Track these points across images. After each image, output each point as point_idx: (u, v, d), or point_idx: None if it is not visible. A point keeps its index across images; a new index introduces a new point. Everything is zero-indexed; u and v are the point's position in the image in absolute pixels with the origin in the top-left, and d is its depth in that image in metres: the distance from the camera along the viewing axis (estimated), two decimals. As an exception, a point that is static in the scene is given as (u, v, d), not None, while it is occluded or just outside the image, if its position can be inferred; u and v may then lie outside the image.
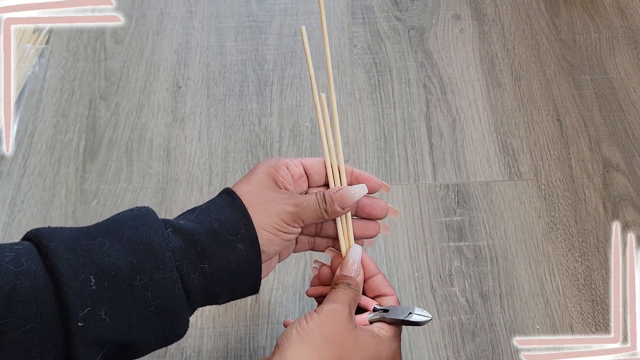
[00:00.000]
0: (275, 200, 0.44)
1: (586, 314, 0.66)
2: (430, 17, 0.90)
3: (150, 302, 0.38)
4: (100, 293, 0.36)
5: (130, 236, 0.39)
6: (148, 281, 0.38)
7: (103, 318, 0.36)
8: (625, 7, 0.91)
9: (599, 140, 0.78)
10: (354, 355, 0.41)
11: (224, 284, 0.42)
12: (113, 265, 0.37)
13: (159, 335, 0.39)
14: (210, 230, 0.41)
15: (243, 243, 0.42)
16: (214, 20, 0.90)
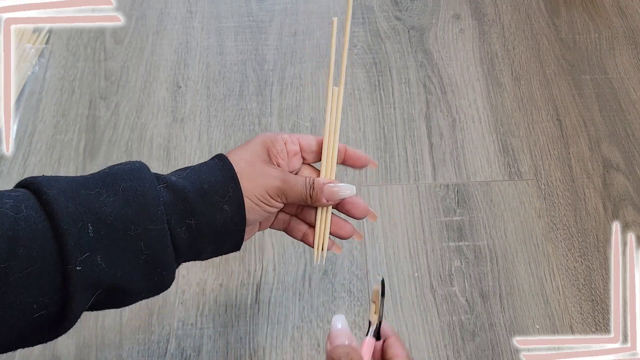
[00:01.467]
0: (265, 173, 0.46)
1: (586, 314, 0.66)
2: (430, 17, 0.90)
3: (143, 251, 0.40)
4: (97, 240, 0.39)
5: (125, 189, 0.41)
6: (142, 232, 0.40)
7: (99, 263, 0.39)
8: (625, 7, 0.91)
9: (599, 140, 0.78)
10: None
11: (209, 241, 0.44)
12: (109, 215, 0.39)
13: (149, 282, 0.42)
14: (199, 190, 0.44)
15: (230, 205, 0.44)
16: (214, 20, 0.90)
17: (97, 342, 0.64)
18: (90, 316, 0.65)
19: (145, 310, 0.66)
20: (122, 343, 0.64)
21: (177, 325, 0.65)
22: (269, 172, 0.47)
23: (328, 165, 0.51)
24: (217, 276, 0.68)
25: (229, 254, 0.49)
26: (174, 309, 0.66)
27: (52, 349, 0.64)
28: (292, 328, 0.65)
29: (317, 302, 0.67)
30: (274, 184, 0.46)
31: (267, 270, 0.69)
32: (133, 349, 0.64)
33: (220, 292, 0.67)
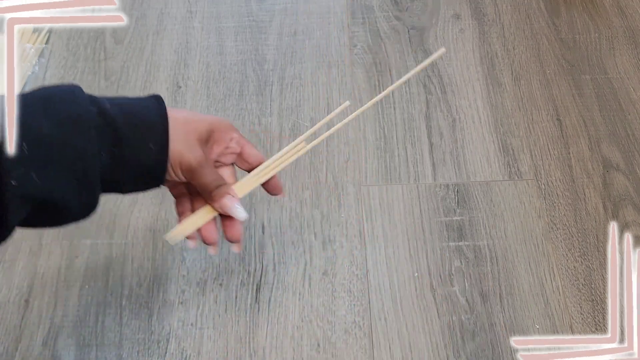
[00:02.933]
0: (190, 147, 0.48)
1: (586, 314, 0.66)
2: (430, 17, 0.90)
3: (79, 170, 0.43)
4: (33, 158, 0.40)
5: (59, 110, 0.42)
6: (77, 152, 0.42)
7: (35, 179, 0.40)
8: (625, 6, 0.91)
9: (599, 140, 0.78)
10: None
11: (130, 173, 0.47)
12: (45, 135, 0.41)
13: (81, 202, 0.44)
14: (130, 123, 0.45)
15: (155, 145, 0.46)
16: (214, 20, 0.90)
17: (97, 342, 0.64)
18: (90, 316, 0.66)
19: (145, 310, 0.66)
20: (122, 343, 0.64)
21: (177, 325, 0.65)
22: (195, 149, 0.49)
23: (249, 185, 0.54)
24: (217, 276, 0.68)
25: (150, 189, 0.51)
26: (174, 308, 0.66)
27: (52, 349, 0.64)
28: (292, 328, 0.65)
29: (317, 302, 0.67)
30: (190, 161, 0.48)
31: (267, 270, 0.69)
32: (133, 349, 0.64)
33: (220, 291, 0.67)
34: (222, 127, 0.52)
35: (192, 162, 0.48)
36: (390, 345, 0.64)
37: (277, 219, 0.72)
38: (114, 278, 0.68)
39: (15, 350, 0.64)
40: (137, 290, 0.67)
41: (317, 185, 0.75)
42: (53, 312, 0.66)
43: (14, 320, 0.66)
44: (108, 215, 0.72)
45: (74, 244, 0.70)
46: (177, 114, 0.49)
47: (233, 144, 0.53)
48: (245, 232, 0.71)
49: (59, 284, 0.68)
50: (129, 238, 0.71)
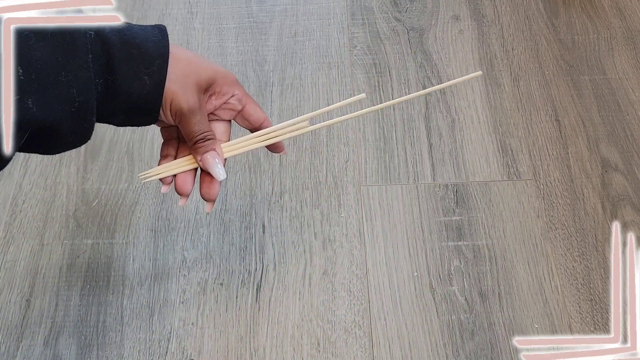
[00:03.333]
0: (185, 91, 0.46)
1: (585, 313, 0.66)
2: (430, 18, 0.91)
3: (75, 98, 0.40)
4: (28, 83, 0.38)
5: (54, 34, 0.40)
6: (72, 78, 0.40)
7: (30, 107, 0.38)
8: (624, 7, 0.91)
9: (598, 141, 0.79)
10: None
11: (123, 105, 0.44)
12: (39, 60, 0.39)
13: (78, 129, 0.42)
14: (127, 52, 0.43)
15: (150, 78, 0.44)
16: (215, 21, 0.91)
17: (98, 342, 0.64)
18: (92, 315, 0.66)
19: (146, 310, 0.66)
20: (123, 342, 0.64)
21: (178, 325, 0.65)
22: (189, 94, 0.46)
23: (239, 147, 0.52)
24: (217, 275, 0.69)
25: None
26: (174, 308, 0.66)
27: (54, 348, 0.64)
28: (292, 327, 0.65)
29: (317, 301, 0.67)
30: (181, 104, 0.46)
31: (267, 270, 0.69)
32: (134, 348, 0.64)
33: (221, 291, 0.68)
34: (226, 80, 0.49)
35: (183, 105, 0.46)
36: (390, 345, 0.64)
37: (278, 219, 0.72)
38: (115, 278, 0.68)
39: (16, 350, 0.64)
40: (138, 289, 0.68)
41: (317, 185, 0.75)
42: (54, 312, 0.66)
43: (16, 319, 0.66)
44: (109, 215, 0.73)
45: (75, 244, 0.71)
46: (181, 54, 0.46)
47: (234, 100, 0.51)
48: (245, 231, 0.71)
49: (60, 284, 0.68)
50: (130, 238, 0.71)
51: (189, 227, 0.72)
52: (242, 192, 0.74)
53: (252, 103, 0.51)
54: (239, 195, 0.74)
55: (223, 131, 0.52)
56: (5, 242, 0.71)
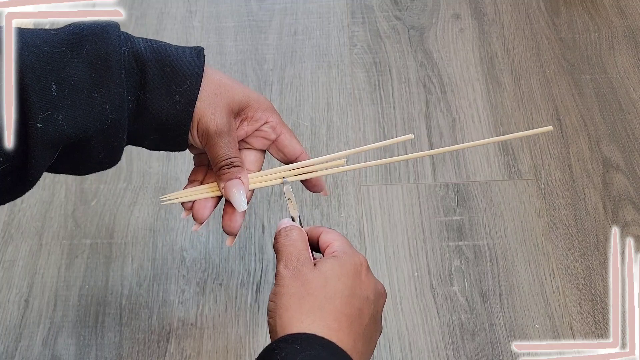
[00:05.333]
0: (215, 113, 0.44)
1: (586, 314, 0.66)
2: (430, 17, 0.90)
3: (108, 115, 0.40)
4: (61, 99, 0.38)
5: (90, 50, 0.40)
6: (106, 94, 0.40)
7: (60, 123, 0.38)
8: (625, 6, 0.91)
9: (599, 140, 0.78)
10: (330, 284, 0.41)
11: (152, 123, 0.43)
12: (73, 75, 0.39)
13: (109, 147, 0.42)
14: (160, 69, 0.43)
15: (181, 97, 0.43)
16: (214, 20, 0.90)
17: (97, 342, 0.64)
18: (90, 316, 0.66)
19: (145, 310, 0.66)
20: (122, 342, 0.64)
21: (177, 325, 0.65)
22: (219, 116, 0.44)
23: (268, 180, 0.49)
24: (217, 276, 0.68)
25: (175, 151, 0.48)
26: (173, 308, 0.66)
27: (52, 349, 0.64)
28: (292, 328, 0.65)
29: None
30: (208, 124, 0.44)
31: (267, 270, 0.69)
32: (133, 349, 0.64)
33: (220, 291, 0.67)
34: (260, 105, 0.47)
35: (211, 126, 0.44)
36: (390, 345, 0.64)
37: (277, 219, 0.72)
38: (113, 278, 0.68)
39: (15, 350, 0.64)
40: (137, 290, 0.68)
41: (317, 185, 0.75)
42: (53, 312, 0.66)
43: (14, 319, 0.66)
44: (108, 215, 0.72)
45: (74, 244, 0.70)
46: (216, 75, 0.45)
47: (267, 128, 0.47)
48: (245, 231, 0.71)
49: (59, 284, 0.68)
50: (128, 238, 0.71)
51: (188, 227, 0.71)
52: (242, 192, 0.74)
53: (287, 133, 0.48)
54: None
55: (253, 160, 0.49)
56: (3, 242, 0.70)
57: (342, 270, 0.42)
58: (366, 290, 0.42)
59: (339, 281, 0.41)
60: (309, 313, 0.39)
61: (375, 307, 0.43)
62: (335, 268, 0.42)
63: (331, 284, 0.41)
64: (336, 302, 0.40)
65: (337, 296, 0.40)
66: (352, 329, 0.40)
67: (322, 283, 0.41)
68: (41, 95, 0.38)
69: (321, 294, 0.40)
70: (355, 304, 0.41)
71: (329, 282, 0.41)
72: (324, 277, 0.41)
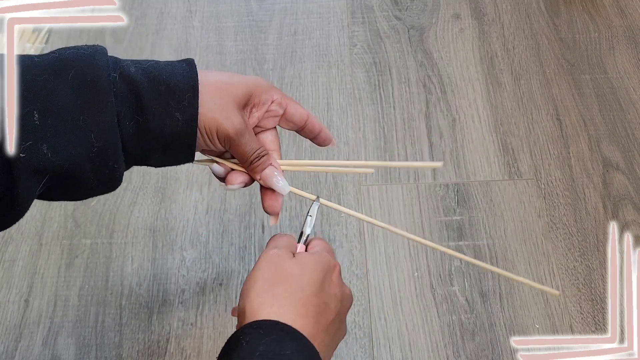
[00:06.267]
0: (228, 114, 0.44)
1: (586, 313, 0.66)
2: (430, 17, 0.90)
3: (93, 143, 0.39)
4: (44, 129, 0.37)
5: (75, 76, 0.39)
6: (92, 122, 0.39)
7: (45, 152, 0.37)
8: (625, 6, 0.91)
9: (599, 140, 0.78)
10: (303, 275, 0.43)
11: (156, 144, 0.43)
12: (57, 103, 0.38)
13: (100, 176, 0.41)
14: (155, 90, 0.42)
15: (182, 114, 0.42)
16: (214, 20, 0.90)
17: (97, 342, 0.64)
18: (90, 315, 0.66)
19: (145, 310, 0.66)
20: (122, 343, 0.64)
21: (177, 325, 0.65)
22: (233, 116, 0.44)
23: (293, 166, 0.51)
24: (217, 276, 0.68)
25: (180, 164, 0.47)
26: (173, 308, 0.66)
27: (52, 349, 0.64)
28: (291, 327, 0.65)
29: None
30: (227, 130, 0.44)
31: (266, 270, 0.69)
32: (133, 349, 0.64)
33: (220, 291, 0.67)
34: (261, 88, 0.47)
35: (230, 130, 0.44)
36: (390, 345, 0.64)
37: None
38: (113, 278, 0.68)
39: (15, 350, 0.64)
40: (137, 290, 0.67)
41: (317, 185, 0.75)
42: (53, 312, 0.66)
43: (14, 319, 0.66)
44: (108, 215, 0.72)
45: (73, 244, 0.70)
46: (210, 78, 0.44)
47: (274, 106, 0.48)
48: (244, 231, 0.71)
49: (58, 284, 0.68)
50: (128, 238, 0.71)
51: (188, 227, 0.71)
52: (242, 192, 0.74)
53: (292, 103, 0.49)
54: (238, 195, 0.74)
55: (272, 140, 0.49)
56: (3, 242, 0.70)
57: (317, 266, 0.44)
58: (335, 289, 0.45)
59: (312, 274, 0.43)
60: (280, 298, 0.41)
61: (341, 306, 0.45)
62: (310, 262, 0.44)
63: (305, 274, 0.43)
64: (306, 291, 0.42)
65: (308, 287, 0.42)
66: (318, 319, 0.42)
67: (296, 272, 0.43)
68: (23, 125, 0.36)
69: (294, 282, 0.42)
70: (323, 298, 0.43)
71: (303, 272, 0.43)
72: (299, 267, 0.44)
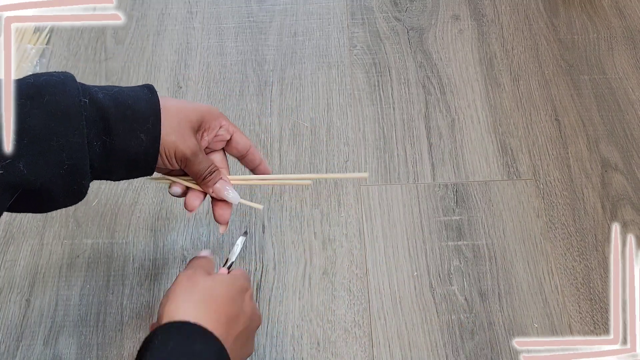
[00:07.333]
0: (183, 137, 0.50)
1: (584, 313, 0.66)
2: (430, 18, 0.91)
3: (65, 161, 0.43)
4: (20, 148, 0.41)
5: (49, 102, 0.43)
6: (64, 143, 0.43)
7: (21, 169, 0.41)
8: (624, 7, 0.91)
9: (598, 140, 0.79)
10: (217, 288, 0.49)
11: (120, 163, 0.47)
12: (33, 127, 0.42)
13: (69, 190, 0.45)
14: (121, 114, 0.46)
15: (146, 135, 0.47)
16: (214, 21, 0.91)
17: (98, 341, 0.64)
18: (92, 315, 0.66)
19: (146, 310, 0.66)
20: (123, 342, 0.64)
21: (178, 324, 0.65)
22: (188, 138, 0.50)
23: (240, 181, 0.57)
24: (217, 275, 0.69)
25: None
26: (174, 308, 0.66)
27: (54, 348, 0.64)
28: (291, 327, 0.65)
29: (316, 300, 0.67)
30: (184, 151, 0.50)
31: (267, 269, 0.69)
32: (134, 348, 0.64)
33: (221, 291, 0.68)
34: (212, 115, 0.53)
35: (187, 152, 0.50)
36: (390, 344, 0.64)
37: (277, 219, 0.72)
38: (114, 277, 0.68)
39: (16, 350, 0.64)
40: (138, 289, 0.68)
41: (316, 185, 0.75)
42: (54, 312, 0.66)
43: (15, 319, 0.66)
44: (109, 215, 0.73)
45: (75, 244, 0.71)
46: (169, 104, 0.49)
47: (222, 132, 0.55)
48: (245, 231, 0.71)
49: (60, 284, 0.68)
50: (129, 237, 0.71)
51: (189, 226, 0.72)
52: (242, 192, 0.74)
53: (238, 132, 0.56)
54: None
55: (221, 159, 0.56)
56: (5, 242, 0.71)
57: (230, 283, 0.50)
58: (245, 307, 0.50)
59: (226, 287, 0.49)
60: (195, 303, 0.46)
61: (250, 322, 0.51)
62: (225, 279, 0.50)
63: (217, 288, 0.49)
64: (219, 300, 0.48)
65: (220, 297, 0.48)
66: (228, 327, 0.47)
67: (209, 285, 0.49)
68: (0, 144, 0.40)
69: (207, 292, 0.48)
70: (235, 310, 0.49)
71: (215, 286, 0.49)
72: (212, 282, 0.49)
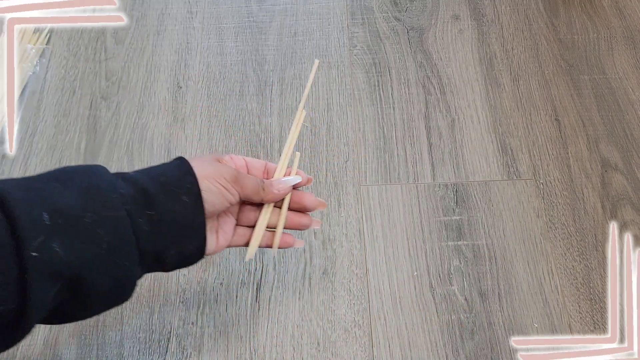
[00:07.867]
0: (220, 167, 0.49)
1: (584, 313, 0.66)
2: (430, 18, 0.91)
3: (103, 238, 0.40)
4: (54, 227, 0.38)
5: (80, 182, 0.42)
6: (97, 218, 0.40)
7: (57, 250, 0.37)
8: (624, 7, 0.91)
9: (598, 140, 0.79)
10: None
11: (171, 236, 0.45)
12: (65, 205, 0.39)
13: (112, 277, 0.41)
14: (157, 182, 0.45)
15: (188, 196, 0.46)
16: (214, 21, 0.91)
17: (98, 341, 0.64)
18: (91, 315, 0.66)
19: (146, 309, 0.66)
20: (123, 342, 0.64)
21: (178, 324, 0.65)
22: (224, 166, 0.50)
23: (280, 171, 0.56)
24: (217, 275, 0.69)
25: (195, 263, 0.49)
26: (174, 307, 0.66)
27: (54, 348, 0.64)
28: (292, 327, 0.65)
29: (317, 300, 0.67)
30: (230, 172, 0.49)
31: (267, 269, 0.69)
32: (134, 348, 0.64)
33: (221, 291, 0.68)
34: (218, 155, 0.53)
35: (231, 171, 0.49)
36: (390, 344, 0.64)
37: (277, 219, 0.72)
38: (114, 277, 0.68)
39: (16, 350, 0.64)
40: (138, 289, 0.68)
41: (316, 185, 0.75)
42: (54, 311, 0.66)
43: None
44: (109, 215, 0.73)
45: (75, 244, 0.70)
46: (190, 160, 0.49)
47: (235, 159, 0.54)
48: (245, 231, 0.71)
49: (60, 283, 0.68)
50: (129, 238, 0.71)
51: (189, 226, 0.72)
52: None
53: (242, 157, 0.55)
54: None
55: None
56: (5, 242, 0.71)
57: None
58: None
59: None
60: None
61: None
62: None
63: None
64: None
65: None
66: None
67: None
68: (33, 225, 0.37)
69: None
70: None
71: None
72: None
